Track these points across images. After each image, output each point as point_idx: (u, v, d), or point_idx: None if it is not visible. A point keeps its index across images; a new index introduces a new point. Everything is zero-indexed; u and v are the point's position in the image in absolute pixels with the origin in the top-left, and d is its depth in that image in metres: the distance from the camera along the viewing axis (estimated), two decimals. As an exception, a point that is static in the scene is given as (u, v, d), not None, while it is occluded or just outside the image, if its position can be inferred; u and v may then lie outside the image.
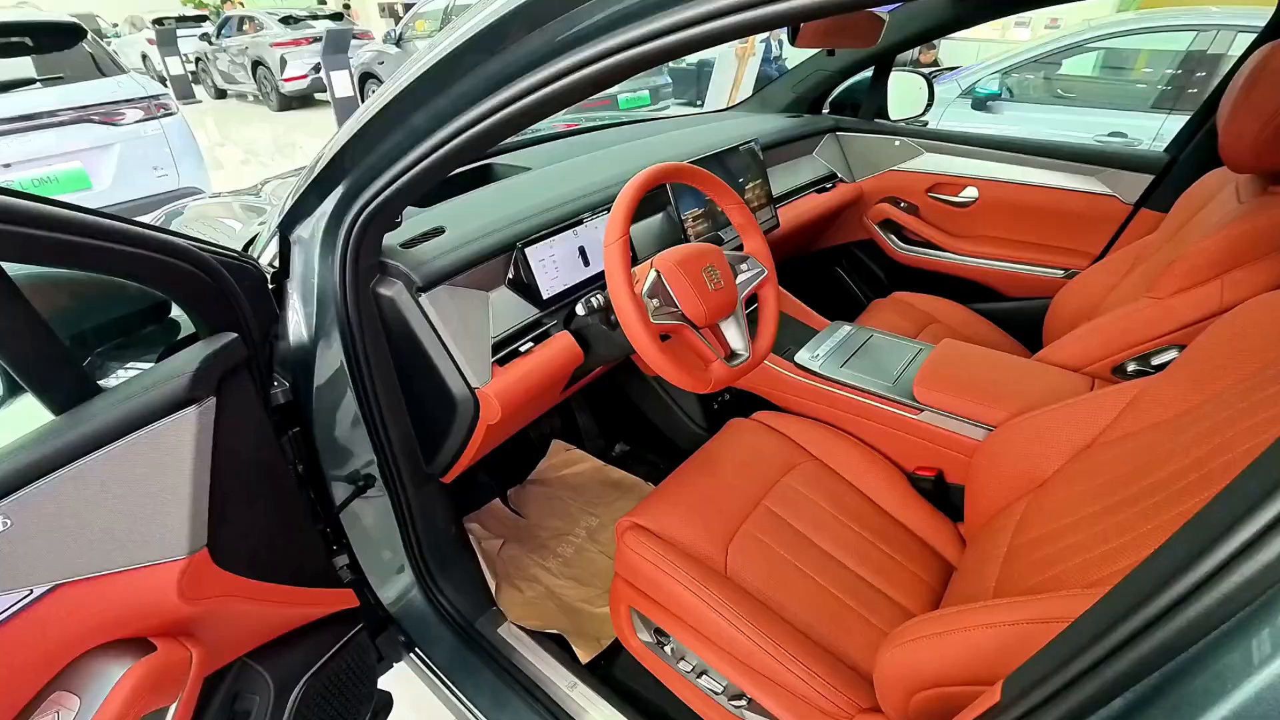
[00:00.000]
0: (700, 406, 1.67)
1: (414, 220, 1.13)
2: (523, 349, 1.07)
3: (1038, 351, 1.34)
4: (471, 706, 1.15)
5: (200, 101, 10.45)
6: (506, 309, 1.08)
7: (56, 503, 0.62)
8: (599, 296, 1.06)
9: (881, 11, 1.13)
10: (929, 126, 3.39)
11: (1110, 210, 1.64)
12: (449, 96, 0.71)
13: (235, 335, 0.75)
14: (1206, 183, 1.32)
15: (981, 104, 3.78)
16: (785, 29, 1.02)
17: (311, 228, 0.95)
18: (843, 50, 1.81)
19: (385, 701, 1.27)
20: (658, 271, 0.97)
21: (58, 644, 0.62)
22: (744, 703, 0.95)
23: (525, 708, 1.13)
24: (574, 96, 0.64)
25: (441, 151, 0.75)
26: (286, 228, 0.98)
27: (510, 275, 1.10)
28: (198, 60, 10.78)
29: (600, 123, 1.93)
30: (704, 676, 1.00)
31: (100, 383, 0.71)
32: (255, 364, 0.89)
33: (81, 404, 0.67)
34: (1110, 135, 3.36)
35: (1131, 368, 1.19)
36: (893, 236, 2.02)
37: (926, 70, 5.14)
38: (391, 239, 1.03)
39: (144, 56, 11.34)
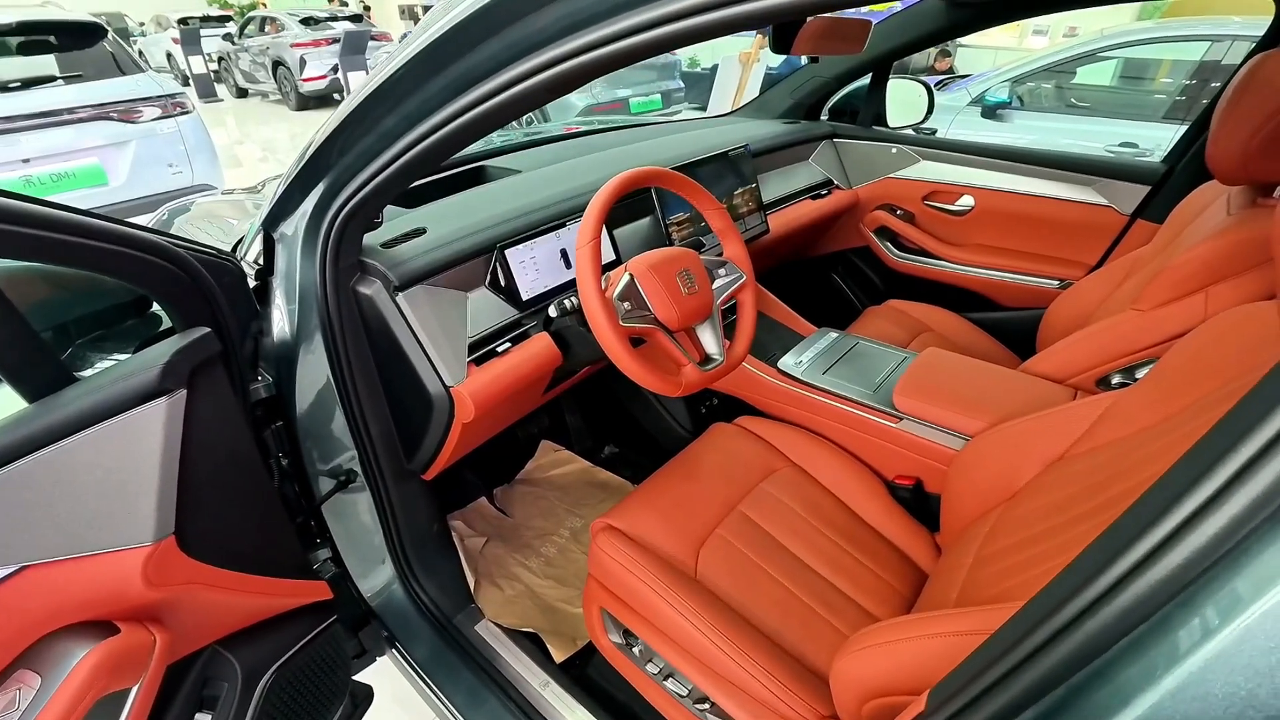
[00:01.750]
0: (688, 410, 1.67)
1: (397, 221, 1.15)
2: (500, 349, 1.08)
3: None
4: (448, 703, 1.17)
5: (222, 100, 10.65)
6: (485, 309, 1.10)
7: (25, 487, 0.64)
8: (573, 298, 1.07)
9: (869, 16, 1.13)
10: (937, 133, 3.38)
11: (1106, 221, 1.63)
12: (418, 99, 0.72)
13: (209, 330, 0.77)
14: (1201, 194, 1.31)
15: (991, 112, 3.75)
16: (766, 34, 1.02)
17: (294, 226, 0.97)
18: (837, 57, 1.81)
19: (366, 694, 1.28)
20: (631, 275, 0.98)
21: (22, 624, 0.64)
22: (708, 706, 0.96)
23: (499, 706, 1.14)
24: (536, 100, 0.65)
25: (413, 153, 0.77)
26: (270, 225, 1.01)
27: (490, 276, 1.12)
28: (220, 59, 10.98)
29: (597, 126, 1.94)
30: (670, 679, 1.00)
31: (79, 373, 0.73)
32: (233, 358, 0.91)
33: (55, 393, 0.69)
34: (1121, 145, 3.32)
35: (1116, 380, 1.18)
36: (889, 244, 2.01)
37: (939, 78, 5.11)
38: (373, 239, 1.05)
39: (169, 55, 11.58)
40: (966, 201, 1.84)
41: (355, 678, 1.28)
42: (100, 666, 0.65)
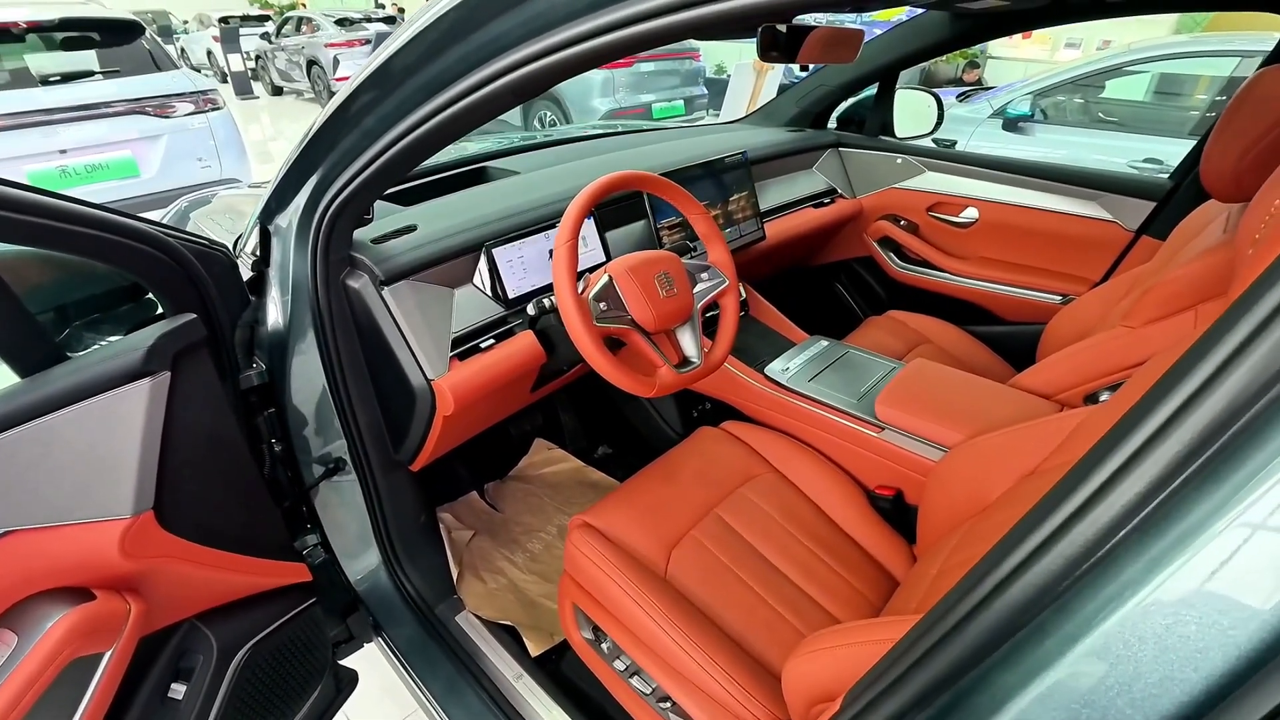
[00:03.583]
0: (679, 413, 1.68)
1: (391, 218, 1.18)
2: (483, 345, 1.10)
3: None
4: (427, 691, 1.19)
5: (258, 98, 10.96)
6: (471, 306, 1.12)
7: (11, 457, 0.68)
8: (551, 297, 1.09)
9: (863, 25, 1.13)
10: (956, 145, 3.33)
11: (1111, 236, 1.60)
12: (395, 100, 0.75)
13: (194, 316, 0.80)
14: (1203, 212, 1.28)
15: (1013, 125, 3.69)
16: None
17: (289, 219, 1.01)
18: (842, 66, 1.81)
19: (351, 678, 1.31)
20: (609, 276, 1.00)
21: (2, 586, 0.68)
22: (669, 705, 0.96)
23: (474, 697, 1.16)
24: (502, 103, 0.68)
25: (393, 152, 0.79)
26: (266, 218, 1.04)
27: (477, 274, 1.14)
28: (258, 58, 11.30)
29: (600, 131, 1.97)
30: (636, 677, 1.02)
31: (74, 353, 0.77)
32: (221, 345, 0.94)
33: (45, 370, 0.73)
34: (1145, 161, 3.25)
35: (1104, 396, 1.16)
36: (892, 254, 2.00)
37: (962, 89, 5.05)
38: (364, 234, 1.08)
39: (209, 53, 11.96)
40: (971, 214, 1.83)
41: (342, 663, 1.31)
42: (74, 630, 0.69)
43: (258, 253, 1.08)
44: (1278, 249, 0.50)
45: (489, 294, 1.15)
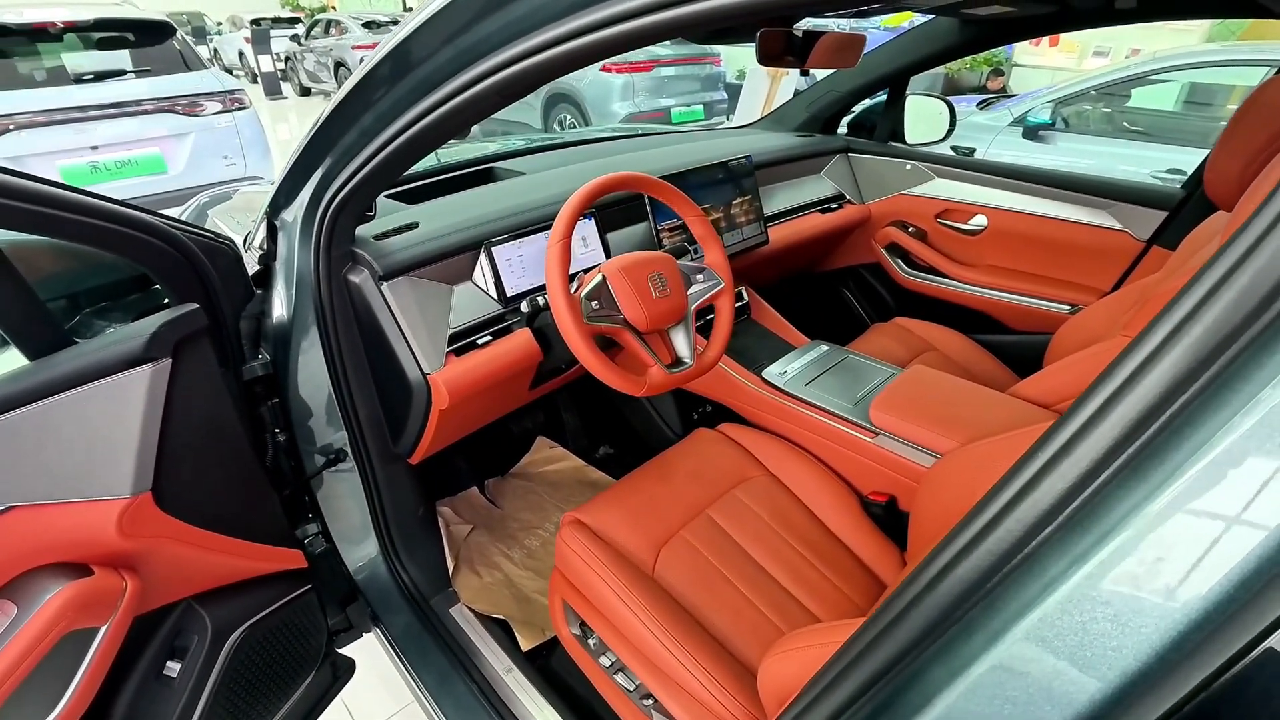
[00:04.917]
0: (679, 415, 1.69)
1: (394, 215, 1.20)
2: (480, 342, 1.12)
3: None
4: (419, 682, 1.21)
5: (286, 98, 11.20)
6: (469, 303, 1.14)
7: (16, 435, 0.71)
8: (544, 296, 1.11)
9: (880, 33, 1.13)
10: (975, 153, 3.29)
11: (1121, 246, 1.58)
12: (390, 99, 0.77)
13: (197, 306, 0.83)
14: (1213, 222, 1.26)
15: (1033, 133, 3.64)
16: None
17: (294, 214, 1.04)
18: (851, 71, 1.81)
19: (348, 666, 1.34)
20: (603, 275, 1.01)
21: (5, 559, 0.71)
22: (651, 702, 0.97)
23: (465, 689, 1.17)
24: (488, 104, 0.69)
25: (388, 150, 0.82)
26: (273, 213, 1.08)
27: (477, 271, 1.16)
28: (287, 59, 11.56)
29: (609, 133, 1.98)
30: (620, 674, 1.02)
31: (82, 339, 0.81)
32: (224, 335, 0.97)
33: (52, 353, 0.76)
34: (1168, 171, 3.19)
35: (1103, 409, 1.14)
36: (899, 261, 1.98)
37: (984, 97, 4.99)
38: (366, 231, 1.11)
39: (240, 54, 12.27)
40: (979, 221, 1.81)
41: (341, 651, 1.34)
42: (71, 603, 0.71)
43: (264, 246, 1.12)
44: None
45: (488, 292, 1.17)
